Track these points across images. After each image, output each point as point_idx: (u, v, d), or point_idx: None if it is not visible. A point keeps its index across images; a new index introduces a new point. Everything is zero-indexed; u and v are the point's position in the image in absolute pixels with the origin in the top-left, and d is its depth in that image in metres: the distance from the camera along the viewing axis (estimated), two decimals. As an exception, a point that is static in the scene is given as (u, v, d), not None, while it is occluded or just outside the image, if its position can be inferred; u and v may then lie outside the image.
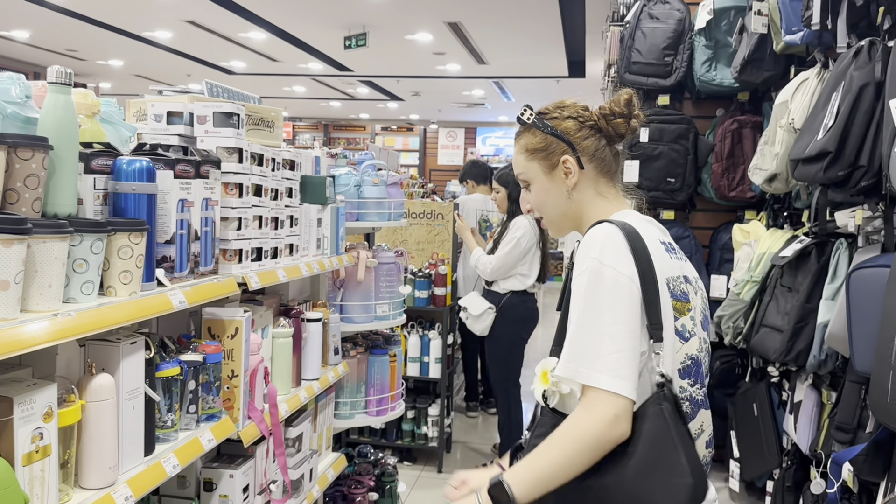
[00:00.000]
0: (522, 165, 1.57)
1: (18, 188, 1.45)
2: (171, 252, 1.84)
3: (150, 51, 10.46)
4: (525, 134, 1.56)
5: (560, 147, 1.50)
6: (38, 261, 1.36)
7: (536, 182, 1.55)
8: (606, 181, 1.53)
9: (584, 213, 1.53)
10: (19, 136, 1.43)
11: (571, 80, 11.31)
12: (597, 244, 1.37)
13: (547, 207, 1.56)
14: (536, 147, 1.53)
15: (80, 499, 1.48)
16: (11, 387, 1.34)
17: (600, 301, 1.34)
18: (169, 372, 1.82)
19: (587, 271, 1.36)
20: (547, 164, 1.52)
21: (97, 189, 1.68)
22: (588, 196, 1.52)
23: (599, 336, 1.32)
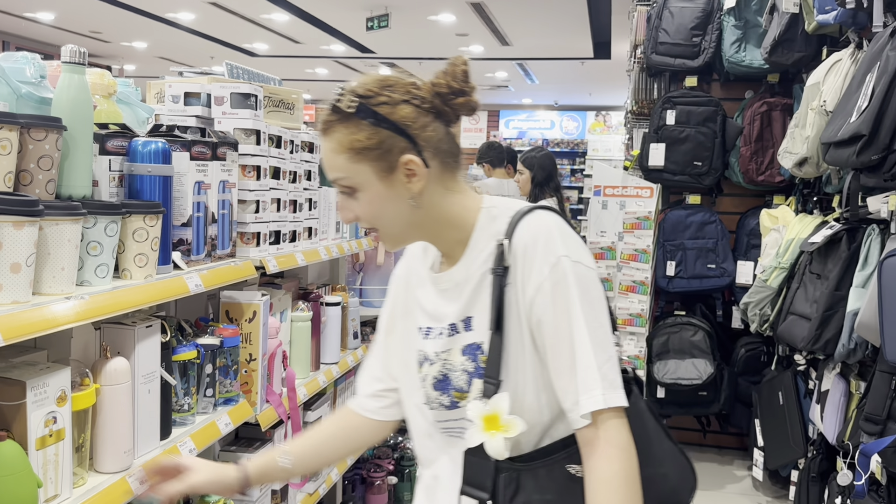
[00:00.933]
0: (343, 168, 1.16)
1: (32, 169, 1.43)
2: (188, 235, 1.82)
3: (174, 32, 10.48)
4: (343, 127, 1.15)
5: (398, 144, 1.15)
6: (51, 243, 1.35)
7: (367, 190, 1.16)
8: (451, 173, 1.22)
9: (439, 218, 1.21)
10: (32, 116, 1.41)
11: (596, 62, 11.16)
12: (556, 238, 1.14)
13: (385, 219, 1.19)
14: (366, 145, 1.14)
15: (94, 483, 1.47)
16: (25, 370, 1.33)
17: (587, 306, 1.12)
18: (186, 355, 1.81)
19: (558, 272, 1.12)
20: (381, 165, 1.15)
21: (112, 171, 1.66)
22: (438, 196, 1.20)
23: (597, 347, 1.12)
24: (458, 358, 1.20)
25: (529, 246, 1.14)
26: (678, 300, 4.37)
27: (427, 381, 1.24)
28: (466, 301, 1.20)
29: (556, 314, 1.12)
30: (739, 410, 4.20)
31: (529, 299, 1.14)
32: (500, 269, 1.16)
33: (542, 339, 1.14)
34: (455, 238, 1.23)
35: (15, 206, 1.22)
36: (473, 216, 1.23)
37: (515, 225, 1.17)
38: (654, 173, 4.27)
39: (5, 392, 1.29)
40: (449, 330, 1.22)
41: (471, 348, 1.19)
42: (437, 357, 1.23)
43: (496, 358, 1.15)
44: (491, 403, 1.13)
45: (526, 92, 14.78)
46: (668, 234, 4.25)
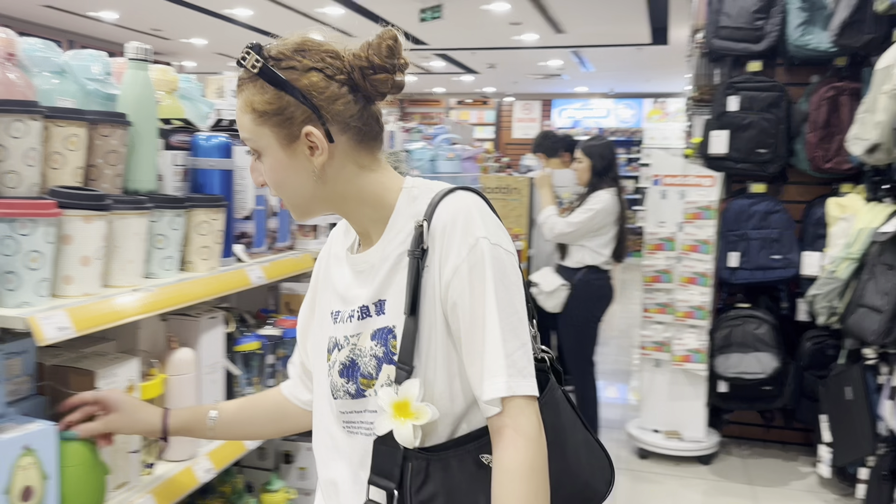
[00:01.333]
0: (248, 128, 1.12)
1: (99, 164, 1.47)
2: (249, 228, 1.85)
3: (231, 28, 10.67)
4: (251, 86, 1.10)
5: (301, 112, 1.09)
6: (119, 236, 1.38)
7: (270, 155, 1.12)
8: (367, 151, 1.15)
9: (350, 195, 1.15)
10: (99, 112, 1.45)
11: (654, 48, 10.93)
12: (476, 219, 1.09)
13: (287, 188, 1.15)
14: (266, 109, 1.09)
15: (161, 470, 1.51)
16: (94, 360, 1.37)
17: (502, 290, 1.07)
18: (248, 346, 1.84)
19: (475, 254, 1.07)
20: (283, 133, 1.10)
21: (176, 165, 1.69)
22: (349, 173, 1.14)
23: (507, 333, 1.07)
24: (367, 343, 1.14)
25: (448, 226, 1.09)
26: (741, 292, 4.26)
27: (334, 367, 1.18)
28: (380, 283, 1.14)
29: (472, 298, 1.07)
30: (805, 405, 4.07)
31: (446, 282, 1.09)
32: (418, 251, 1.09)
33: (457, 323, 1.09)
34: (371, 217, 1.17)
35: (84, 200, 1.26)
36: (393, 196, 1.16)
37: (436, 206, 1.11)
38: (716, 161, 4.16)
39: (76, 381, 1.33)
40: (359, 313, 1.16)
41: (382, 332, 1.12)
42: (346, 342, 1.17)
43: (409, 343, 1.09)
44: (402, 389, 1.08)
45: (580, 80, 14.59)
46: (730, 224, 4.14)
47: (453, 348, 1.11)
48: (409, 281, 1.10)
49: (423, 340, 1.10)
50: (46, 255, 1.19)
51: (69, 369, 1.34)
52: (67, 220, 1.25)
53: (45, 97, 1.46)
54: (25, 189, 1.29)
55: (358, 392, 1.15)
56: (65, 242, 1.25)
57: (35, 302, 1.19)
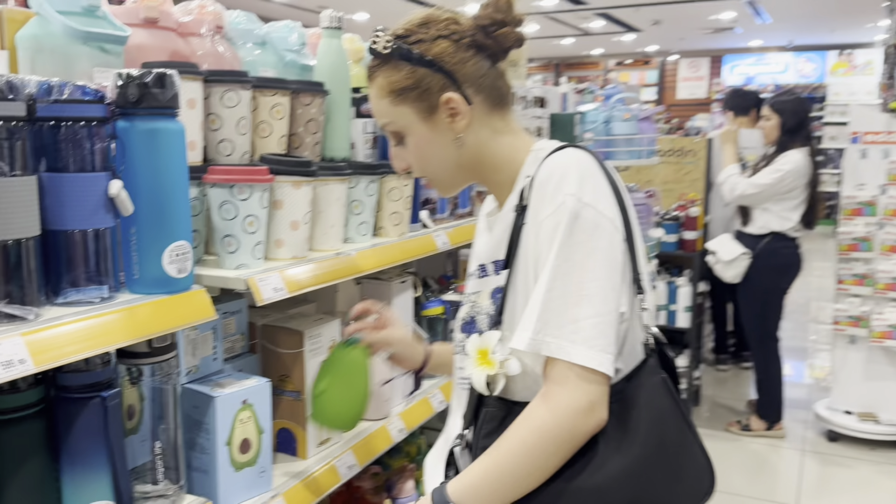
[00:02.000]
0: (388, 113, 1.15)
1: (300, 133, 1.52)
2: (433, 194, 1.86)
3: (393, 2, 10.87)
4: (383, 70, 1.13)
5: (436, 81, 1.11)
6: (322, 202, 1.42)
7: (413, 133, 1.14)
8: (499, 114, 1.16)
9: (486, 159, 1.16)
10: (300, 81, 1.49)
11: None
12: (571, 176, 1.04)
13: (433, 163, 1.16)
14: (404, 85, 1.11)
15: (360, 429, 1.56)
16: (301, 321, 1.43)
17: (576, 251, 1.01)
18: (434, 311, 1.86)
19: (560, 212, 1.02)
20: (422, 106, 1.12)
21: (366, 133, 1.72)
22: (485, 137, 1.15)
23: (574, 297, 1.00)
24: (485, 301, 1.14)
25: (543, 182, 1.06)
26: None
27: (458, 322, 1.20)
28: (496, 243, 1.14)
29: (546, 255, 1.03)
30: None
31: (535, 235, 1.06)
32: (519, 206, 1.09)
33: (540, 276, 1.05)
34: (501, 180, 1.17)
35: (293, 167, 1.30)
36: (522, 158, 1.15)
37: (541, 162, 1.09)
38: (926, 116, 3.70)
39: (285, 340, 1.39)
40: (479, 271, 1.17)
41: (496, 292, 1.12)
42: (468, 298, 1.19)
43: (501, 297, 1.09)
44: (483, 338, 1.09)
45: (754, 33, 13.55)
46: (942, 185, 3.68)
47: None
48: (506, 235, 1.10)
49: (517, 295, 1.08)
50: (261, 219, 1.24)
51: (279, 329, 1.41)
52: (279, 186, 1.29)
53: (248, 68, 1.53)
54: (238, 157, 1.35)
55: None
56: (276, 207, 1.30)
57: (251, 264, 1.25)
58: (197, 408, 1.23)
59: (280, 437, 1.44)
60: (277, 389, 1.42)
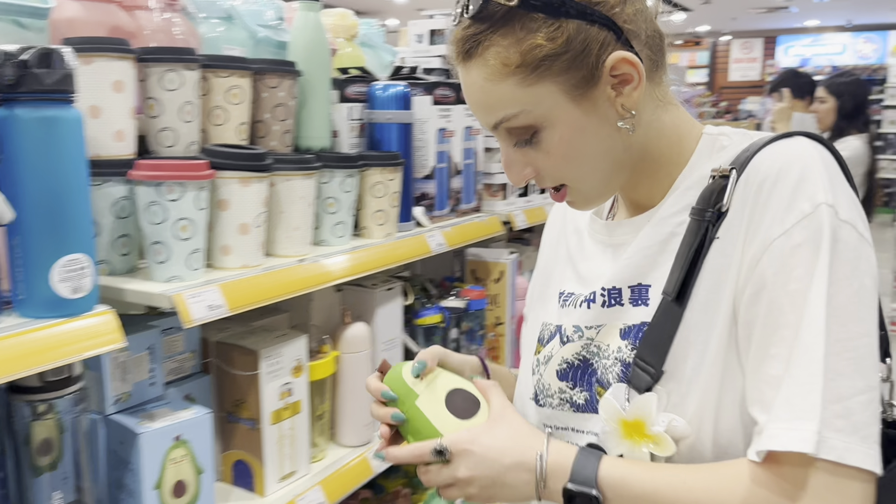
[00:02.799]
0: (512, 100, 0.78)
1: (267, 120, 1.32)
2: (430, 188, 1.65)
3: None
4: (500, 35, 0.76)
5: (594, 36, 0.76)
6: (283, 201, 1.23)
7: (557, 122, 0.78)
8: (659, 74, 0.83)
9: (650, 145, 0.82)
10: (264, 61, 1.30)
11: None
12: (817, 178, 0.72)
13: (586, 164, 0.81)
14: (547, 52, 0.75)
15: (334, 457, 1.37)
16: (261, 337, 1.24)
17: (840, 290, 0.70)
18: (430, 319, 1.66)
19: (808, 228, 0.71)
20: (575, 78, 0.76)
21: (352, 119, 1.52)
22: (649, 113, 0.81)
23: (845, 362, 0.68)
24: (613, 340, 0.82)
25: (770, 180, 0.73)
26: None
27: (549, 365, 0.88)
28: (644, 261, 0.82)
29: (789, 290, 0.70)
30: None
31: (752, 259, 0.73)
32: (711, 211, 0.76)
33: (753, 321, 0.73)
34: (662, 180, 0.84)
35: (240, 160, 1.11)
36: (688, 142, 0.84)
37: (755, 152, 0.76)
38: None
39: (240, 361, 1.21)
40: (605, 297, 0.84)
41: (639, 331, 0.80)
42: (578, 334, 0.86)
43: (662, 336, 0.76)
44: (635, 404, 0.76)
45: (811, 12, 12.92)
46: None
47: (735, 359, 0.75)
48: (682, 250, 0.77)
49: (688, 337, 0.76)
50: (198, 223, 1.05)
51: (233, 347, 1.22)
52: (223, 183, 1.10)
53: (210, 46, 1.34)
54: (182, 148, 1.17)
55: (588, 404, 0.84)
56: (221, 208, 1.11)
57: (186, 276, 1.06)
58: (122, 444, 1.05)
59: (236, 470, 1.25)
60: (232, 416, 1.24)
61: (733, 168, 0.76)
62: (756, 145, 0.77)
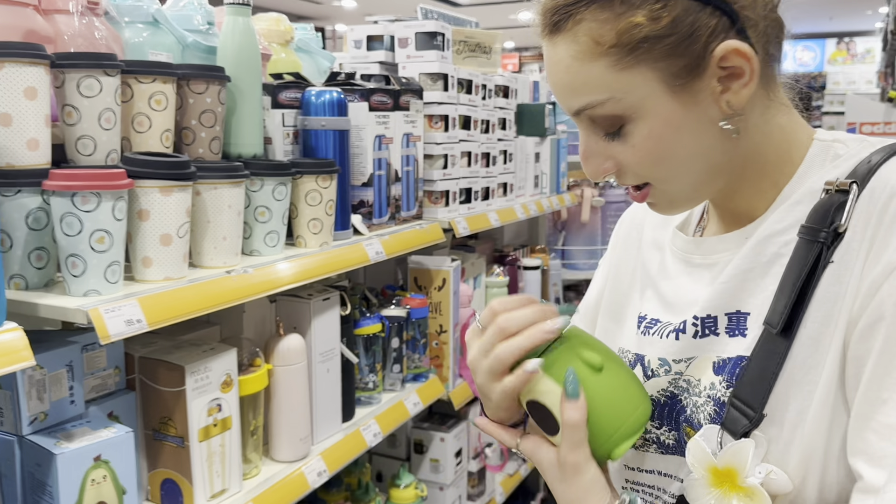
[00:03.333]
0: (601, 84, 0.69)
1: (194, 126, 1.28)
2: (369, 196, 1.63)
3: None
4: (597, 10, 0.68)
5: (705, 20, 0.67)
6: (210, 210, 1.19)
7: (650, 114, 0.70)
8: (773, 71, 0.75)
9: (753, 152, 0.74)
10: (189, 66, 1.26)
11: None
12: None
13: (679, 163, 0.72)
14: (647, 33, 0.67)
15: (268, 473, 1.34)
16: (188, 352, 1.20)
17: None
18: (369, 329, 1.63)
19: None
20: (676, 65, 0.68)
21: (286, 126, 1.49)
22: (759, 114, 0.73)
23: None
24: (706, 376, 0.73)
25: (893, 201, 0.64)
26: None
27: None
28: (741, 284, 0.73)
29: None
30: None
31: (870, 285, 0.64)
32: (827, 231, 0.67)
33: (863, 352, 0.64)
34: (766, 192, 0.75)
35: (160, 168, 1.07)
36: (797, 150, 0.74)
37: (880, 164, 0.67)
38: (928, 105, 3.48)
39: (165, 377, 1.16)
40: (697, 326, 0.75)
41: (735, 365, 0.71)
42: (665, 367, 0.77)
43: (767, 374, 0.67)
44: (728, 451, 0.67)
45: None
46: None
47: (842, 399, 0.67)
48: (789, 274, 0.68)
49: (794, 376, 0.68)
50: (116, 234, 1.01)
51: (158, 362, 1.18)
52: (142, 193, 1.06)
53: (135, 51, 1.30)
54: (102, 156, 1.12)
55: (677, 445, 0.76)
56: (141, 218, 1.07)
57: (104, 289, 1.01)
58: (39, 466, 1.00)
59: (164, 489, 1.21)
60: (158, 434, 1.19)
61: (853, 182, 0.67)
62: (878, 157, 0.69)
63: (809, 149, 0.75)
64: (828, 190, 0.69)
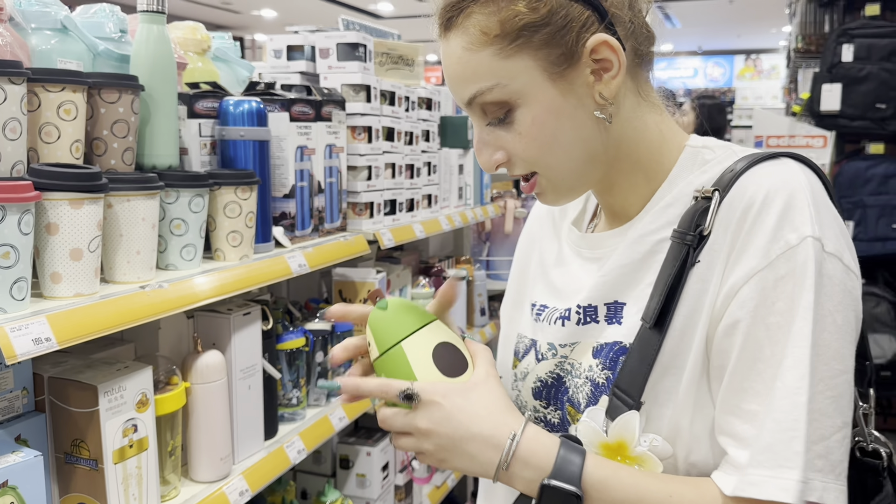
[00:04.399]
0: (489, 71, 0.76)
1: (105, 137, 1.24)
2: (291, 208, 1.60)
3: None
4: (482, 4, 0.75)
5: (578, 15, 0.74)
6: (123, 223, 1.15)
7: (532, 100, 0.76)
8: (645, 71, 0.83)
9: (627, 145, 0.81)
10: (101, 74, 1.22)
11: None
12: (803, 206, 0.71)
13: (559, 149, 0.78)
14: (527, 21, 0.74)
15: (188, 495, 1.29)
16: (100, 371, 1.15)
17: (824, 327, 0.69)
18: (293, 343, 1.61)
19: (803, 264, 0.69)
20: (553, 54, 0.75)
21: (203, 136, 1.45)
22: (629, 109, 0.80)
23: (825, 401, 0.69)
24: (585, 359, 0.82)
25: (756, 207, 0.72)
26: (855, 266, 3.79)
27: (526, 381, 0.88)
28: (621, 278, 0.80)
29: (769, 325, 0.70)
30: (932, 394, 3.60)
31: (731, 289, 0.72)
32: (693, 235, 0.74)
33: (728, 353, 0.72)
34: (639, 187, 0.82)
35: (70, 180, 1.03)
36: (671, 155, 0.82)
37: (740, 174, 0.74)
38: (827, 119, 3.69)
39: (76, 397, 1.11)
40: (580, 314, 0.82)
41: (611, 350, 0.79)
42: (552, 351, 0.85)
43: (642, 366, 0.75)
44: (616, 425, 0.74)
45: (666, 37, 13.71)
46: (844, 189, 3.67)
47: (706, 386, 0.75)
48: (663, 275, 0.76)
49: (665, 364, 0.75)
50: (21, 249, 0.97)
51: (69, 382, 1.13)
52: (51, 206, 1.02)
53: (43, 58, 1.25)
54: (7, 168, 1.06)
55: (561, 423, 0.84)
56: (49, 232, 1.03)
57: (10, 307, 0.97)
58: (-64, 496, 0.94)
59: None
60: (70, 457, 1.14)
61: (716, 190, 0.74)
62: (740, 165, 0.75)
63: (681, 154, 0.82)
64: (696, 197, 0.77)
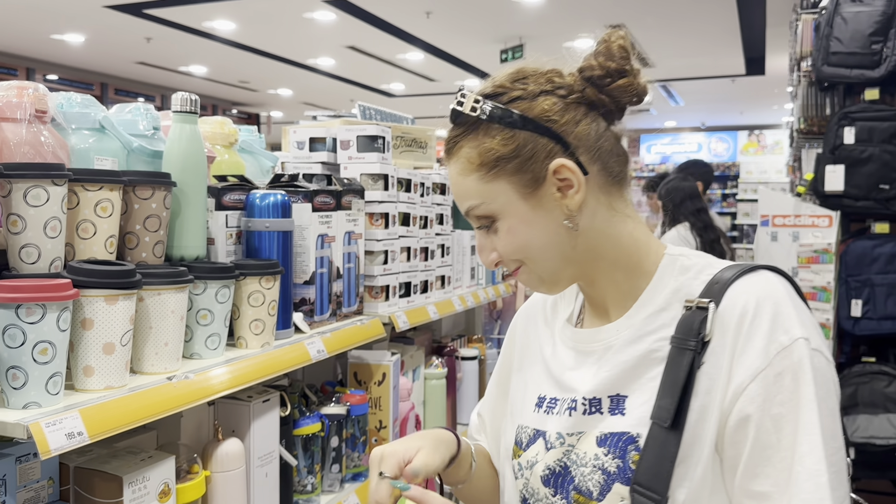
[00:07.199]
0: (477, 192, 0.93)
1: (138, 231, 1.30)
2: (311, 294, 1.65)
3: (315, 78, 10.86)
4: (470, 138, 0.93)
5: (542, 146, 0.91)
6: (153, 316, 1.19)
7: (508, 215, 0.93)
8: (619, 190, 0.97)
9: (602, 249, 0.95)
10: (136, 172, 1.28)
11: (749, 79, 10.43)
12: (791, 313, 0.85)
13: (534, 250, 0.94)
14: (500, 154, 0.91)
15: (204, 585, 1.29)
16: (125, 461, 1.17)
17: (828, 417, 0.82)
18: (309, 429, 1.62)
19: (799, 362, 0.83)
20: (524, 179, 0.91)
21: (230, 227, 1.51)
22: (602, 220, 0.94)
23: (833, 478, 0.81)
24: (590, 448, 0.91)
25: (750, 315, 0.85)
26: (866, 345, 3.78)
27: (535, 469, 0.96)
28: (621, 373, 0.92)
29: (777, 415, 0.82)
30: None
31: (737, 387, 0.84)
32: (695, 342, 0.86)
33: (739, 442, 0.84)
34: (618, 285, 0.97)
35: (107, 277, 1.07)
36: (652, 261, 0.96)
37: (728, 285, 0.88)
38: (832, 199, 3.75)
39: (101, 488, 1.13)
40: (586, 406, 0.93)
41: (617, 440, 0.89)
42: (560, 440, 0.95)
43: (665, 462, 0.84)
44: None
45: (669, 114, 14.11)
46: (851, 268, 3.69)
47: (720, 476, 0.86)
48: (673, 380, 0.86)
49: (691, 464, 0.85)
50: (59, 345, 1.01)
51: (94, 472, 1.15)
52: (87, 302, 1.06)
53: (81, 157, 1.32)
54: (45, 264, 1.12)
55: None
56: (84, 328, 1.07)
57: (45, 401, 1.00)
58: (-37, 591, 0.95)
59: None
60: (92, 548, 1.15)
61: (711, 301, 0.87)
62: (727, 277, 0.89)
63: (661, 259, 0.96)
64: (688, 307, 0.89)
